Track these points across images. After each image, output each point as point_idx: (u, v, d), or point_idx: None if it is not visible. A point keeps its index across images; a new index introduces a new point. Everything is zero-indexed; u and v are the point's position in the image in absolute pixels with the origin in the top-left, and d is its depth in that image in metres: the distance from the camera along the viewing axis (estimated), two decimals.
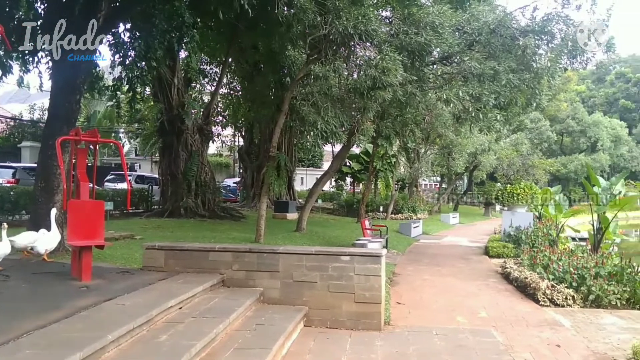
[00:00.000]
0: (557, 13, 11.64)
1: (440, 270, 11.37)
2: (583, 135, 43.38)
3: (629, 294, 7.94)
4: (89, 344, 3.55)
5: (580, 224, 17.38)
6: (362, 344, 5.57)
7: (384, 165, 28.01)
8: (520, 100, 13.02)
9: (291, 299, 6.21)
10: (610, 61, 69.03)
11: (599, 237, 10.97)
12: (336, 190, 36.93)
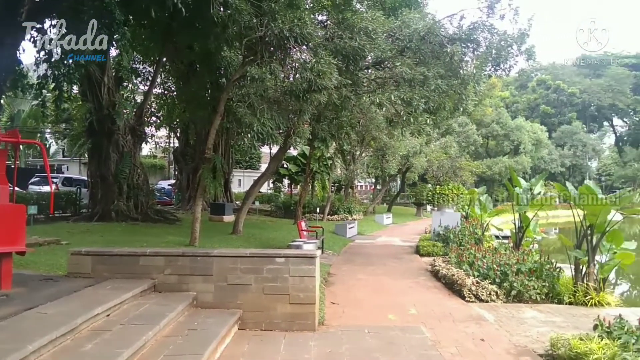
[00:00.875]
0: (483, 22, 12.29)
1: (374, 270, 11.67)
2: (507, 139, 45.92)
3: (547, 289, 8.51)
4: (8, 356, 3.37)
5: (504, 222, 18.37)
6: (296, 345, 5.63)
7: (321, 167, 28.30)
8: (448, 104, 13.63)
9: (225, 303, 6.16)
10: (531, 69, 73.64)
11: (520, 235, 11.67)
12: (274, 192, 36.89)
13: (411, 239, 19.10)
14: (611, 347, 4.65)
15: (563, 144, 53.77)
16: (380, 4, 15.39)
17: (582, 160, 55.11)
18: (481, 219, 14.99)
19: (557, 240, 23.30)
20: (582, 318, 7.15)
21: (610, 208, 7.72)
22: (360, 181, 52.03)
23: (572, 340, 5.00)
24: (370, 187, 47.31)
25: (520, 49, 12.45)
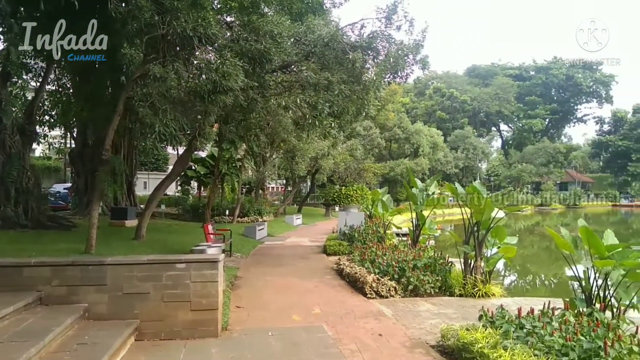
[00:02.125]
0: (381, 32, 12.84)
1: (282, 271, 11.75)
2: (407, 142, 48.36)
3: (440, 282, 9.11)
4: None
5: (406, 221, 19.37)
6: (197, 353, 5.52)
7: (230, 169, 27.90)
8: (352, 109, 14.05)
9: (121, 313, 5.86)
10: (428, 77, 78.22)
11: (417, 233, 12.38)
12: (182, 195, 35.74)
13: (319, 238, 19.44)
14: (494, 336, 5.08)
15: (457, 147, 57.67)
16: (287, 9, 15.54)
17: (474, 162, 59.46)
18: (383, 218, 15.66)
19: (452, 236, 25.02)
20: (471, 309, 7.74)
21: (494, 206, 8.43)
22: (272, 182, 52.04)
23: (459, 331, 5.41)
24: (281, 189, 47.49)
25: (416, 59, 13.17)
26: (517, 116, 75.14)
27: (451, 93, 67.23)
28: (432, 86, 73.50)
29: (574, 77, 73.76)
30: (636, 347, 4.18)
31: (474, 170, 63.25)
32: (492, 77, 75.45)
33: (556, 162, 62.77)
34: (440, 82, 74.21)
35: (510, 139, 79.18)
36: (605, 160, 72.13)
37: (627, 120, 69.49)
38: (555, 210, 53.41)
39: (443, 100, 67.74)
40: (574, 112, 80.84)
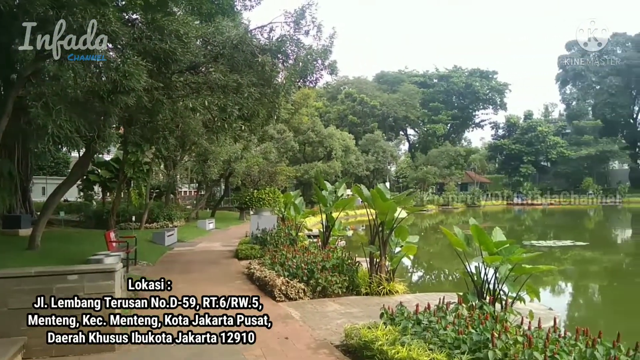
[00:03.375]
0: (290, 36, 12.94)
1: (190, 277, 11.42)
2: (321, 145, 49.13)
3: (348, 282, 9.35)
4: None
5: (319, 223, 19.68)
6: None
7: (137, 173, 26.67)
8: (262, 112, 14.03)
9: (6, 331, 5.37)
10: (340, 83, 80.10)
11: (327, 234, 12.62)
12: (84, 201, 33.49)
13: (232, 243, 19.16)
14: (393, 333, 5.30)
15: (368, 150, 59.51)
16: (197, 9, 15.18)
17: (383, 164, 61.71)
18: (295, 221, 15.79)
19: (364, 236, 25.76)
20: (375, 307, 7.99)
21: (396, 206, 8.81)
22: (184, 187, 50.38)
23: (361, 330, 5.58)
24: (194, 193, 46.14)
25: (325, 64, 13.43)
26: (422, 121, 79.17)
27: (362, 98, 69.28)
28: (344, 91, 75.28)
29: (473, 85, 79.10)
30: (521, 338, 4.53)
31: (384, 172, 65.63)
32: (399, 83, 78.87)
33: (457, 164, 66.87)
34: (352, 87, 76.25)
35: (416, 142, 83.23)
36: (500, 162, 78.02)
37: (519, 125, 75.67)
38: (457, 209, 56.85)
39: (354, 105, 69.62)
40: (472, 118, 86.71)
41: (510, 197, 65.99)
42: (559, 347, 4.24)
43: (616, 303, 13.71)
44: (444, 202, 59.14)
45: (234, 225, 30.24)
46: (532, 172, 70.29)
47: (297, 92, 39.95)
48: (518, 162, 71.02)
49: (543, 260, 19.15)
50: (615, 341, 4.27)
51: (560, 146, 69.29)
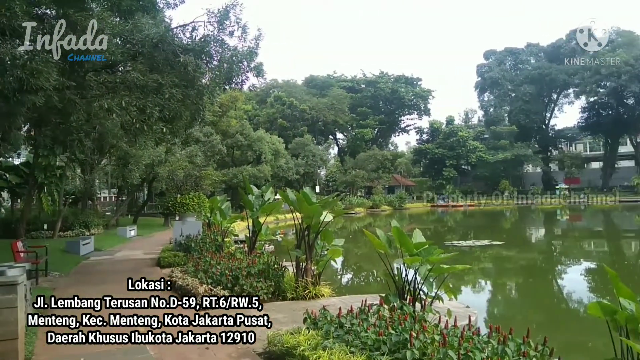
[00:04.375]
0: (214, 36, 12.63)
1: (106, 289, 10.76)
2: (250, 149, 48.59)
3: (274, 288, 9.21)
4: None
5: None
6: None
7: (49, 178, 24.92)
8: (185, 114, 13.57)
9: None
10: (270, 86, 79.85)
11: (253, 239, 12.41)
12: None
13: (155, 250, 18.37)
14: (316, 337, 5.24)
15: (298, 154, 59.65)
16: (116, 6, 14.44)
17: (313, 168, 62.12)
18: (221, 226, 15.42)
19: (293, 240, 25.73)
20: (301, 312, 7.87)
21: (321, 210, 8.80)
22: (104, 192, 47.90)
23: (284, 336, 5.47)
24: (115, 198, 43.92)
25: (250, 66, 13.23)
26: (351, 125, 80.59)
27: (291, 102, 69.38)
28: (273, 94, 75.06)
29: (398, 91, 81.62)
30: (437, 337, 4.62)
31: (314, 176, 66.07)
32: (328, 88, 79.84)
33: (384, 168, 68.61)
34: (281, 90, 76.20)
35: (346, 146, 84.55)
36: (425, 166, 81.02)
37: (441, 130, 78.98)
38: (384, 212, 58.29)
39: (284, 109, 69.58)
40: (398, 123, 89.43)
41: (434, 200, 68.65)
42: (473, 344, 4.35)
43: (531, 298, 14.56)
44: (372, 204, 60.43)
45: (158, 232, 29.11)
46: (454, 175, 73.54)
47: (225, 94, 39.27)
48: (441, 166, 74.04)
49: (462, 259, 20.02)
50: (525, 337, 4.46)
51: (480, 150, 73.02)
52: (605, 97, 67.69)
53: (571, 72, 71.99)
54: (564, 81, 73.40)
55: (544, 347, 4.39)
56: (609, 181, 69.69)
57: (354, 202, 58.17)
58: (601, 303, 4.30)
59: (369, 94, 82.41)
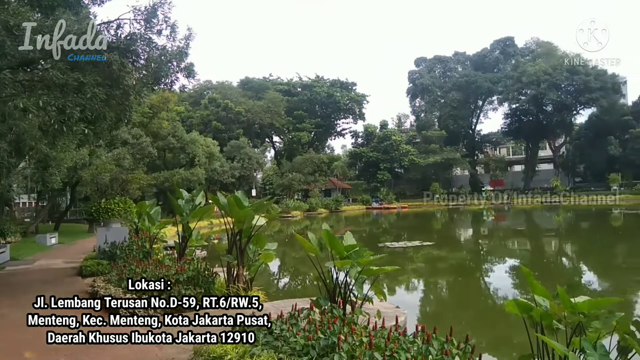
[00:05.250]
0: (141, 34, 12.10)
1: (18, 302, 10.02)
2: (183, 152, 47.26)
3: (203, 295, 8.91)
4: None
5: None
6: None
7: None
8: (110, 115, 12.93)
9: None
10: (204, 87, 78.22)
11: (183, 245, 12.01)
12: None
13: (77, 259, 17.37)
14: (243, 345, 5.09)
15: (233, 157, 58.75)
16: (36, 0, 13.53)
17: (249, 171, 61.38)
18: (150, 232, 14.83)
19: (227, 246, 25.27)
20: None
21: (253, 214, 8.65)
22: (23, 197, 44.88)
23: (211, 345, 5.27)
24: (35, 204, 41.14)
25: (180, 66, 12.82)
26: (288, 129, 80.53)
27: (226, 104, 68.21)
28: (207, 96, 73.50)
29: (334, 95, 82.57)
30: (365, 339, 4.61)
31: (250, 179, 65.35)
32: (264, 90, 79.36)
33: (321, 171, 69.14)
34: (216, 92, 74.78)
35: (282, 149, 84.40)
36: (360, 169, 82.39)
37: (376, 134, 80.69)
38: (321, 215, 58.68)
39: (219, 111, 68.28)
40: (334, 127, 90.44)
41: (369, 202, 69.95)
42: (399, 345, 4.39)
43: (460, 296, 15.10)
44: (309, 207, 60.65)
45: (82, 239, 27.64)
46: (388, 178, 75.28)
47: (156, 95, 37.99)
48: (375, 169, 75.59)
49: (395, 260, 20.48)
50: (448, 335, 4.55)
51: (412, 154, 75.24)
52: (526, 104, 71.77)
53: (495, 80, 75.95)
54: (488, 89, 77.18)
55: (466, 345, 4.51)
56: (530, 183, 74.03)
57: (291, 206, 58.11)
58: (517, 301, 4.47)
59: (305, 97, 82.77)
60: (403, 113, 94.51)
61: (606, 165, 64.00)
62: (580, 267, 19.93)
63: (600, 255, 22.18)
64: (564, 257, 23.67)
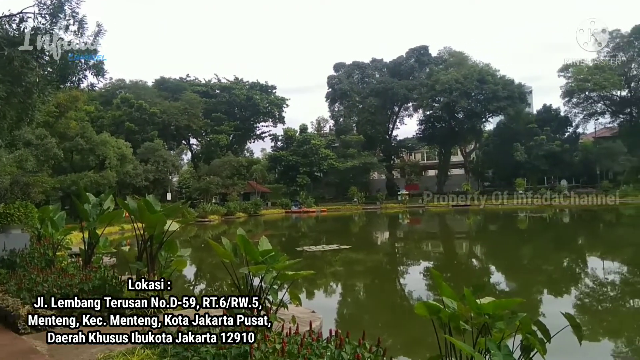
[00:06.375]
0: (46, 29, 11.35)
1: None
2: (92, 154, 44.69)
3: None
4: None
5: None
6: None
7: None
8: (10, 114, 11.98)
9: None
10: (116, 87, 74.53)
11: (90, 252, 11.33)
12: None
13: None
14: (151, 357, 4.88)
15: (147, 159, 56.42)
16: None
17: (164, 174, 59.32)
18: (53, 238, 13.84)
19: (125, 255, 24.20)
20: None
21: (165, 219, 8.34)
22: None
23: (116, 358, 5.01)
24: None
25: (89, 64, 12.15)
26: (205, 131, 78.79)
27: (140, 104, 65.30)
28: (120, 95, 70.05)
29: (253, 98, 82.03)
30: (279, 345, 4.58)
31: (165, 183, 63.12)
32: (181, 91, 77.05)
33: (240, 174, 68.29)
34: (129, 92, 71.42)
35: (200, 152, 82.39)
36: (280, 173, 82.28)
37: (295, 138, 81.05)
38: (239, 219, 57.89)
39: (132, 111, 65.23)
40: (254, 130, 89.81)
41: (289, 206, 70.09)
42: (311, 351, 4.41)
43: (377, 298, 15.48)
44: (227, 212, 59.61)
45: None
46: (307, 181, 75.86)
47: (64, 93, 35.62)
48: (295, 173, 75.91)
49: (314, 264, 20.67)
50: (360, 339, 4.64)
51: (331, 158, 76.42)
52: (439, 111, 75.50)
53: (410, 87, 79.22)
54: (404, 95, 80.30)
55: (377, 348, 4.62)
56: (443, 187, 77.94)
57: (208, 210, 56.80)
58: (426, 303, 4.66)
59: (224, 99, 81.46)
60: (322, 117, 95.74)
61: (513, 170, 68.65)
62: (489, 268, 21.18)
63: (507, 256, 23.70)
64: (474, 258, 25.07)
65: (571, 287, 15.82)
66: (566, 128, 74.32)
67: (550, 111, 74.16)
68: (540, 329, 4.26)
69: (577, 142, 72.53)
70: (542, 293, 15.06)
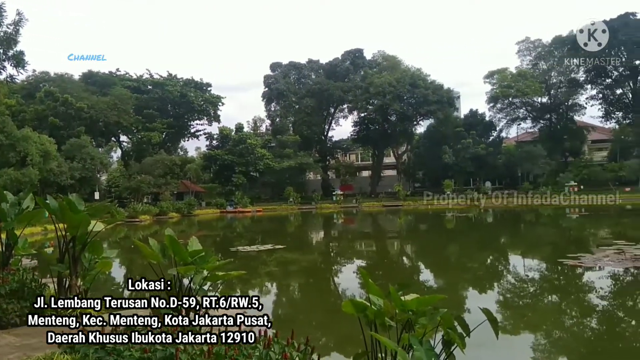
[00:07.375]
0: None
1: None
2: (12, 150, 41.92)
3: (29, 309, 7.95)
4: None
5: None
6: None
7: None
8: None
9: None
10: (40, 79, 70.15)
11: (7, 254, 10.58)
12: None
13: None
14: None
15: (73, 157, 53.54)
16: None
17: (92, 172, 56.56)
18: None
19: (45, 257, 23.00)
20: None
21: (89, 219, 7.96)
22: None
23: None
24: None
25: (8, 54, 11.39)
26: (137, 128, 75.91)
27: (66, 99, 61.70)
28: (43, 89, 65.92)
29: (188, 95, 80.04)
30: (206, 347, 4.49)
31: (93, 181, 60.22)
32: (110, 86, 73.73)
33: (173, 173, 66.36)
34: (54, 85, 67.33)
35: (131, 150, 79.26)
36: (215, 172, 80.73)
37: (231, 137, 79.90)
38: (172, 219, 56.29)
39: (57, 106, 61.52)
40: (188, 128, 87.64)
41: (224, 206, 68.98)
42: (239, 352, 4.38)
43: (312, 298, 15.59)
44: (159, 212, 57.76)
45: None
46: (243, 181, 75.01)
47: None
48: (231, 172, 74.83)
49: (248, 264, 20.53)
50: (289, 338, 4.67)
51: (267, 158, 76.01)
52: (373, 113, 77.23)
53: (346, 89, 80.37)
54: (340, 97, 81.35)
55: (306, 347, 4.66)
56: (377, 188, 79.75)
57: (139, 209, 54.77)
58: (353, 301, 4.76)
59: (157, 96, 78.90)
60: (259, 117, 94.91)
61: (441, 172, 71.63)
62: (419, 266, 21.94)
63: (435, 254, 24.69)
64: (404, 257, 25.88)
65: (494, 284, 16.70)
66: (491, 132, 78.50)
67: (476, 116, 77.98)
68: (461, 324, 4.45)
69: (501, 145, 76.75)
70: (467, 289, 15.80)
